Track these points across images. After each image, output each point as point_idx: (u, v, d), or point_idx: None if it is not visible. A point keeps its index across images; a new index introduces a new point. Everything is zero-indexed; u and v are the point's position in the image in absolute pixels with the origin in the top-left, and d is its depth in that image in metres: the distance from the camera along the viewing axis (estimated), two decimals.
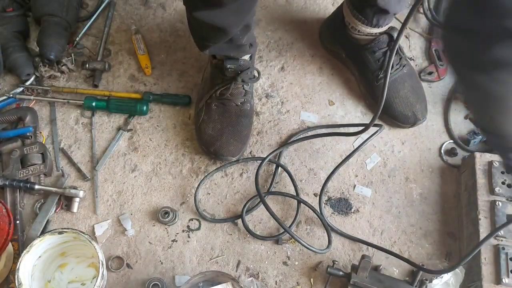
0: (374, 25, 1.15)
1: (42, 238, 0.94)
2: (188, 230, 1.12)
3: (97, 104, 1.22)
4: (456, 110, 1.26)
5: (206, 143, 1.15)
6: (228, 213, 1.14)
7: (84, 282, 1.05)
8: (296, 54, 1.33)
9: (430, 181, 1.18)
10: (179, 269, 1.08)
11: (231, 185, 1.17)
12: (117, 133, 1.22)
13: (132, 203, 1.14)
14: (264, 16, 1.38)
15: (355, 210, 1.15)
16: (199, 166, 1.19)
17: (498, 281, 0.97)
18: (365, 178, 1.18)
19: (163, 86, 1.28)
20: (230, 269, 1.08)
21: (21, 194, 1.12)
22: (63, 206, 1.13)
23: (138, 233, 1.11)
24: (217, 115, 1.17)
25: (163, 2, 1.40)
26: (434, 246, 1.11)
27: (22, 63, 1.24)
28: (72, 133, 1.22)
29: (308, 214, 1.13)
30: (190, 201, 1.15)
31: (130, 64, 1.31)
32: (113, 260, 1.08)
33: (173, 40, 1.35)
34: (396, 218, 1.14)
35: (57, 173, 1.17)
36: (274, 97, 1.27)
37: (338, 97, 1.28)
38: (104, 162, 1.18)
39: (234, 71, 1.13)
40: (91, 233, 1.11)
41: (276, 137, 1.22)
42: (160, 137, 1.22)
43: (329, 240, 1.07)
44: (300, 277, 1.08)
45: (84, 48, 1.33)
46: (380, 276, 1.02)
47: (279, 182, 1.17)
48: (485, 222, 1.02)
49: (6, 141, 1.15)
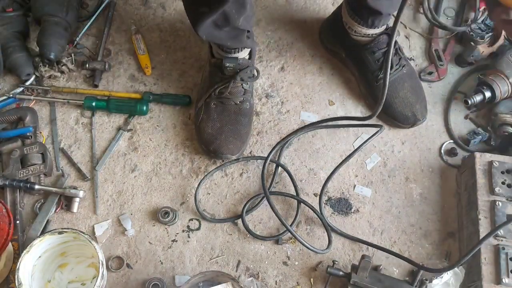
0: (370, 26, 1.15)
1: (42, 238, 0.94)
2: (188, 230, 1.12)
3: (97, 104, 1.22)
4: (456, 110, 1.26)
5: (205, 142, 1.15)
6: (228, 213, 1.14)
7: (84, 282, 1.05)
8: (296, 54, 1.33)
9: (430, 181, 1.18)
10: (179, 269, 1.08)
11: (231, 185, 1.17)
12: (117, 133, 1.22)
13: (132, 203, 1.14)
14: (264, 16, 1.38)
15: (355, 210, 1.15)
16: (199, 166, 1.19)
17: (498, 281, 0.97)
18: (365, 178, 1.18)
19: (163, 86, 1.28)
20: (230, 269, 1.08)
21: (21, 194, 1.12)
22: (63, 206, 1.13)
23: (138, 233, 1.11)
24: (216, 114, 1.17)
25: (163, 2, 1.40)
26: (434, 246, 1.11)
27: (22, 63, 1.24)
28: (72, 133, 1.22)
29: (308, 214, 1.13)
30: (190, 201, 1.15)
31: (130, 64, 1.31)
32: (113, 260, 1.08)
33: (173, 40, 1.35)
34: (396, 218, 1.14)
35: (57, 173, 1.17)
36: (274, 97, 1.27)
37: (338, 97, 1.28)
38: (104, 162, 1.18)
39: (233, 69, 1.13)
40: (91, 233, 1.11)
41: (276, 137, 1.22)
42: (160, 137, 1.22)
43: (329, 240, 1.07)
44: (300, 277, 1.08)
45: (84, 48, 1.33)
46: (380, 276, 1.02)
47: (279, 182, 1.17)
48: (485, 222, 1.02)
49: (6, 141, 1.15)
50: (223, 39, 1.06)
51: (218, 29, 1.02)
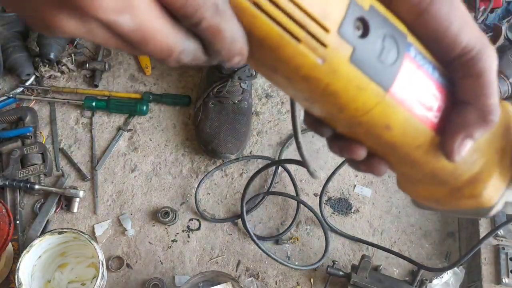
0: None
1: (42, 238, 0.94)
2: (188, 230, 1.12)
3: (97, 104, 1.22)
4: None
5: (204, 142, 1.15)
6: (228, 213, 1.14)
7: (84, 282, 1.05)
8: None
9: None
10: (179, 269, 1.08)
11: (231, 185, 1.17)
12: (117, 133, 1.22)
13: (132, 203, 1.14)
14: None
15: (355, 210, 1.15)
16: (199, 166, 1.19)
17: (498, 281, 0.97)
18: (365, 178, 1.18)
19: (163, 86, 1.28)
20: (230, 269, 1.08)
21: (21, 194, 1.12)
22: (63, 206, 1.13)
23: (138, 233, 1.11)
24: (214, 113, 1.17)
25: None
26: (434, 246, 1.11)
27: (22, 63, 1.24)
28: (72, 133, 1.22)
29: (308, 214, 1.13)
30: (190, 201, 1.15)
31: (130, 64, 1.31)
32: (113, 260, 1.08)
33: None
34: (396, 218, 1.14)
35: (57, 173, 1.17)
36: (274, 97, 1.27)
37: None
38: (104, 162, 1.18)
39: (230, 68, 1.13)
40: (91, 233, 1.11)
41: (276, 137, 1.22)
42: (160, 137, 1.22)
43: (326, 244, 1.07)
44: (300, 277, 1.08)
45: (84, 48, 1.33)
46: (380, 276, 1.02)
47: (279, 182, 1.17)
48: (485, 222, 1.02)
49: (6, 141, 1.15)
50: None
51: None
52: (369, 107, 0.32)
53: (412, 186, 0.40)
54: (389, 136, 0.34)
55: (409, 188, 0.41)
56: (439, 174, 0.37)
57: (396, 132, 0.33)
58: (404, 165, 0.37)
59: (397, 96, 0.32)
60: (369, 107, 0.32)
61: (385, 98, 0.31)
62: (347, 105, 0.31)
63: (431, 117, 0.34)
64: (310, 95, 0.32)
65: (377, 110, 0.32)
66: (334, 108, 0.32)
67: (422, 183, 0.39)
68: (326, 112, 0.34)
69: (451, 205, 0.39)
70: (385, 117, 0.32)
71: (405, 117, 0.33)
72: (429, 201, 0.40)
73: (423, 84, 0.33)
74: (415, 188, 0.40)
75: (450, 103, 0.34)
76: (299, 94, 0.33)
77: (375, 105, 0.32)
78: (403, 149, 0.35)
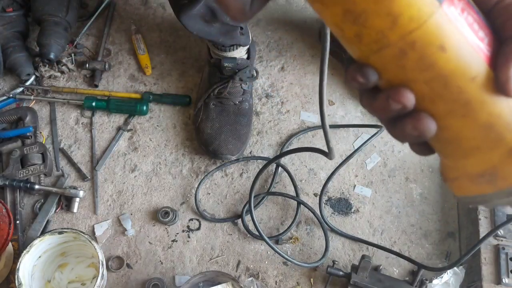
0: None
1: (42, 238, 0.94)
2: (188, 230, 1.12)
3: (97, 104, 1.22)
4: None
5: (205, 143, 1.15)
6: (228, 213, 1.14)
7: (84, 282, 1.05)
8: (296, 54, 1.33)
9: (430, 181, 1.18)
10: (179, 269, 1.08)
11: (231, 185, 1.17)
12: (117, 133, 1.22)
13: (132, 203, 1.14)
14: (264, 16, 1.38)
15: (355, 210, 1.15)
16: (199, 166, 1.19)
17: (498, 281, 0.97)
18: (365, 178, 1.18)
19: (163, 86, 1.28)
20: (230, 269, 1.08)
21: (21, 194, 1.12)
22: (63, 206, 1.13)
23: (138, 233, 1.11)
24: (215, 114, 1.17)
25: (163, 2, 1.40)
26: (434, 246, 1.11)
27: (22, 63, 1.24)
28: (72, 133, 1.22)
29: (308, 214, 1.13)
30: (190, 201, 1.15)
31: (130, 64, 1.31)
32: (113, 260, 1.08)
33: (173, 40, 1.35)
34: (396, 218, 1.14)
35: (57, 173, 1.17)
36: (274, 97, 1.27)
37: (338, 97, 1.28)
38: (104, 162, 1.18)
39: (232, 70, 1.13)
40: (91, 233, 1.11)
41: (276, 137, 1.22)
42: (160, 137, 1.22)
43: (326, 244, 1.07)
44: (300, 277, 1.08)
45: (84, 48, 1.33)
46: (380, 276, 1.02)
47: (279, 182, 1.17)
48: (485, 222, 1.02)
49: (6, 141, 1.15)
50: (214, 35, 1.05)
51: (208, 25, 1.01)
52: (424, 17, 0.31)
53: (463, 162, 0.36)
54: (444, 60, 0.32)
55: (460, 169, 0.37)
56: (496, 125, 0.34)
57: (450, 55, 0.32)
58: (456, 114, 0.34)
59: (450, 15, 0.31)
60: (424, 17, 0.31)
61: (440, 10, 0.31)
62: (401, 13, 0.31)
63: (483, 48, 0.33)
64: (365, 5, 0.31)
65: (431, 23, 0.31)
66: (387, 20, 0.31)
67: (474, 152, 0.35)
68: (377, 31, 0.32)
69: (510, 173, 0.34)
70: (439, 35, 0.32)
71: (459, 39, 0.32)
72: (484, 177, 0.35)
73: (472, 15, 0.33)
74: (466, 166, 0.36)
75: (498, 42, 0.34)
76: (353, 6, 0.32)
77: (430, 15, 0.31)
78: (457, 81, 0.33)
